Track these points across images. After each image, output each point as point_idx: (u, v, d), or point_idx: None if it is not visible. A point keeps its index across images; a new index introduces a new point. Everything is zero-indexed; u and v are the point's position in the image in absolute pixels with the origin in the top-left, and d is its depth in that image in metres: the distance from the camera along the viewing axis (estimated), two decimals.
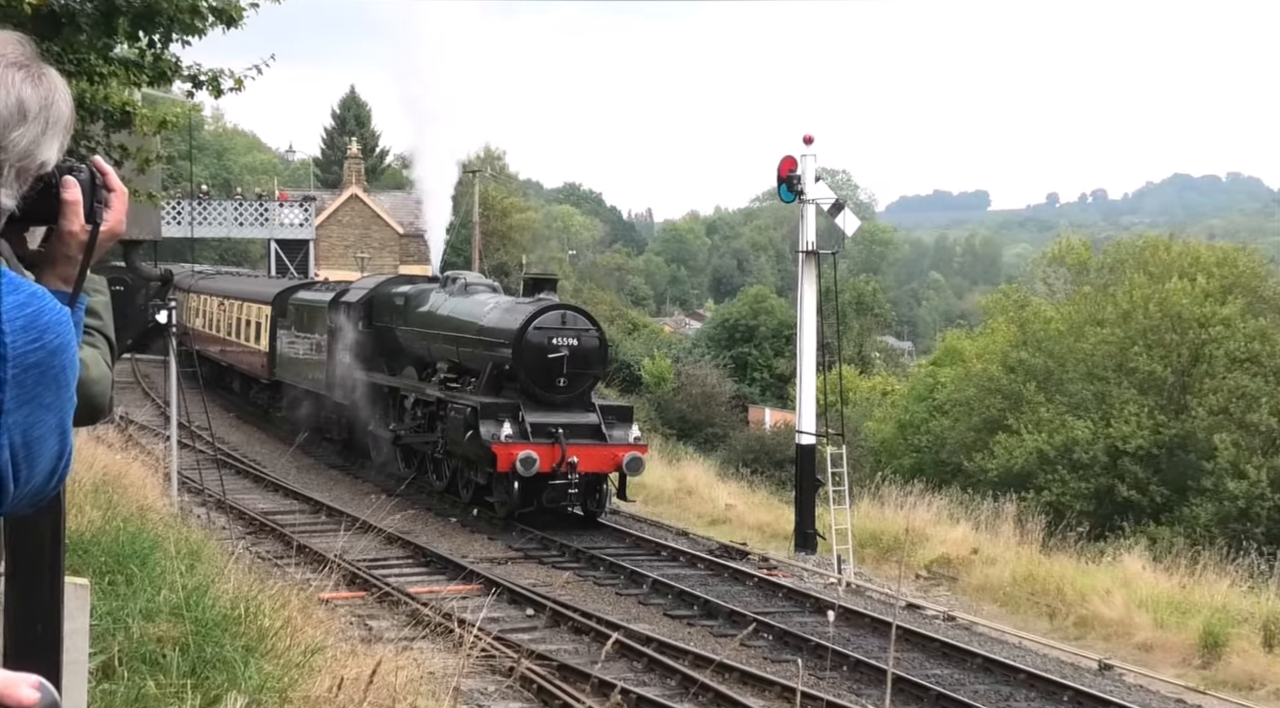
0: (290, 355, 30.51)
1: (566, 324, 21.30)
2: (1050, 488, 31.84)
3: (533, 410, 20.66)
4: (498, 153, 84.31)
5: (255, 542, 18.37)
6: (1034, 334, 37.50)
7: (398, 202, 59.54)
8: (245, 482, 24.72)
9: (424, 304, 24.61)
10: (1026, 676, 14.16)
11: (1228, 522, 28.97)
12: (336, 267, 52.61)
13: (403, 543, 18.83)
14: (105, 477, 13.85)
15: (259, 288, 37.50)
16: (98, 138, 10.95)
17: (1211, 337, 32.95)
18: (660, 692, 12.51)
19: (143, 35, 10.33)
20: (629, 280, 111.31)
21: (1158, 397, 33.32)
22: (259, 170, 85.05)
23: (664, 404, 49.75)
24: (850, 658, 14.07)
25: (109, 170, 2.21)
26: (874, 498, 24.78)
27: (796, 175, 21.88)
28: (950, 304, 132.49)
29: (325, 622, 9.68)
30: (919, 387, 45.07)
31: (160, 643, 6.88)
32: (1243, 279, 35.67)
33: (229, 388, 37.91)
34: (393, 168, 79.85)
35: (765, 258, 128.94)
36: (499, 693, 11.81)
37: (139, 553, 8.99)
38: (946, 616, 17.36)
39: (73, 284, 2.18)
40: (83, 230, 2.15)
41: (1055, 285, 44.05)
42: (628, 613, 16.08)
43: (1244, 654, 15.69)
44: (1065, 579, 18.78)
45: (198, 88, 11.25)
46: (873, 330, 68.47)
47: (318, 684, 6.95)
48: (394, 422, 24.43)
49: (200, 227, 52.68)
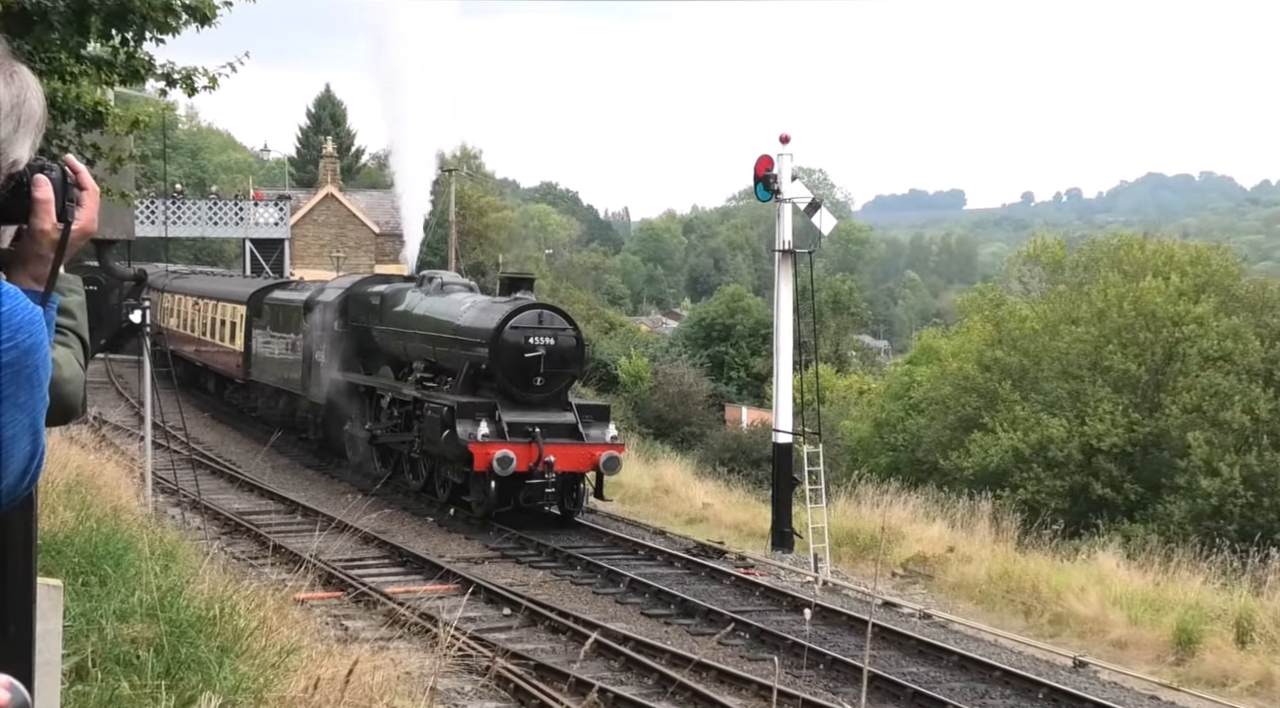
0: (265, 355, 30.41)
1: (543, 323, 21.28)
2: (1025, 486, 31.96)
3: (509, 410, 20.64)
4: (474, 152, 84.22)
5: (230, 542, 18.31)
6: (1009, 333, 37.65)
7: (373, 201, 59.36)
8: (220, 482, 24.61)
9: (400, 304, 24.55)
10: (1002, 673, 14.21)
11: (1201, 519, 29.15)
12: (312, 266, 52.46)
13: (379, 543, 18.78)
14: (79, 477, 13.77)
15: (234, 287, 37.36)
16: (70, 137, 10.89)
17: (1185, 335, 33.14)
18: (637, 691, 12.51)
19: (115, 33, 10.28)
20: (606, 280, 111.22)
21: (1132, 395, 33.50)
22: (234, 169, 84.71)
23: (641, 403, 49.76)
24: (827, 656, 14.10)
25: (81, 169, 2.20)
26: (850, 497, 24.84)
27: (773, 174, 21.91)
28: (926, 303, 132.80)
29: (301, 622, 9.65)
30: (895, 385, 45.18)
31: (134, 644, 6.85)
32: (1216, 278, 35.88)
33: (204, 388, 37.76)
34: (368, 167, 79.60)
35: (742, 257, 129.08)
36: (475, 693, 11.79)
37: (113, 554, 8.94)
38: (922, 614, 17.42)
39: (44, 283, 2.17)
40: (54, 229, 2.14)
41: (1030, 284, 44.26)
42: (605, 612, 16.08)
43: (1217, 651, 15.79)
44: (1040, 577, 18.86)
45: (171, 86, 11.21)
46: (849, 329, 68.60)
47: (293, 685, 6.93)
48: (370, 421, 24.37)
49: (174, 226, 52.42)
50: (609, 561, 18.69)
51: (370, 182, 71.31)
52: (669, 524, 23.24)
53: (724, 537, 21.96)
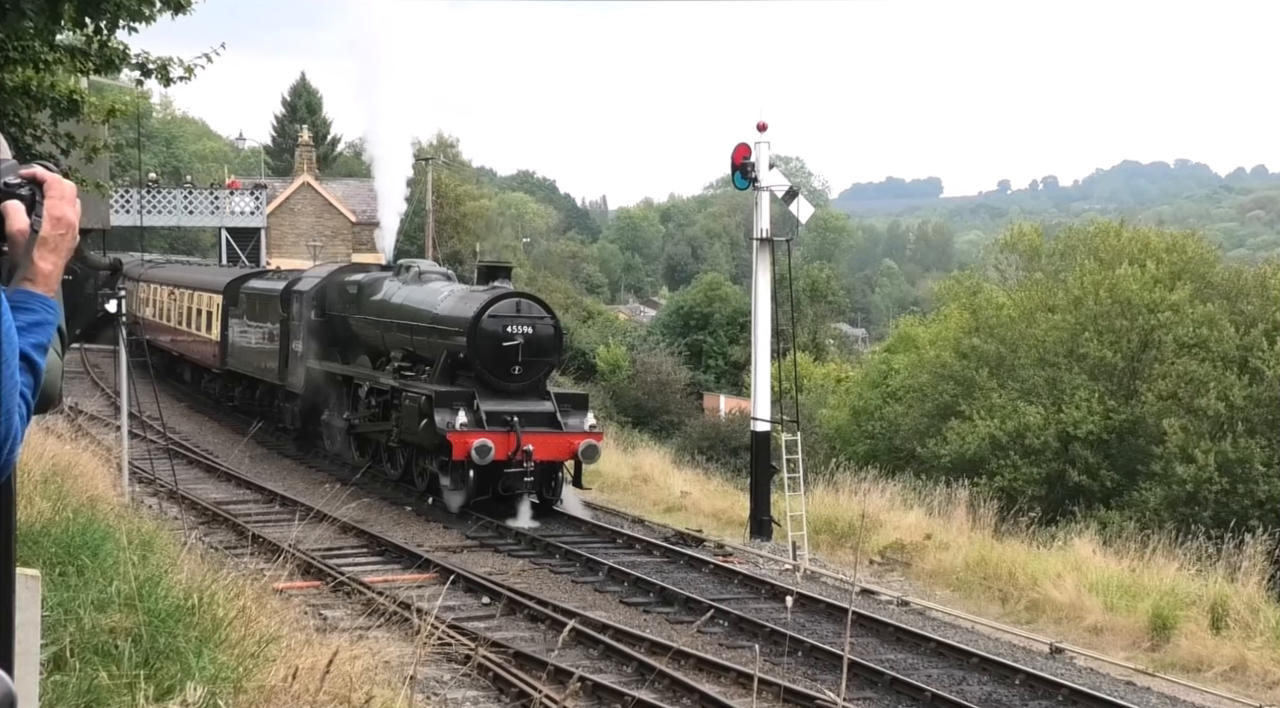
0: (242, 345, 30.30)
1: (521, 312, 21.26)
2: (1002, 473, 32.06)
3: (488, 399, 20.63)
4: (451, 140, 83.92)
5: (208, 532, 18.26)
6: (986, 321, 37.74)
7: (350, 189, 59.18)
8: (197, 472, 24.54)
9: (378, 293, 24.49)
10: (979, 659, 14.28)
11: (1176, 506, 29.29)
12: (289, 255, 52.29)
13: (358, 532, 18.77)
14: (55, 467, 13.70)
15: (210, 277, 37.21)
16: (44, 126, 10.82)
17: (1160, 322, 33.27)
18: (617, 679, 12.54)
19: (89, 22, 10.21)
20: (583, 268, 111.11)
21: (1108, 382, 33.62)
22: (209, 158, 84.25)
23: (619, 392, 49.76)
24: (806, 644, 14.15)
25: (45, 175, 2.30)
26: (828, 484, 24.90)
27: (750, 162, 21.92)
28: (903, 291, 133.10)
29: (280, 612, 9.63)
30: (873, 373, 45.24)
31: (112, 634, 6.83)
32: (1191, 265, 36.00)
33: (180, 378, 37.61)
34: (345, 156, 79.32)
35: (719, 245, 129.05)
36: (455, 682, 11.79)
37: (90, 544, 8.90)
38: (900, 601, 17.49)
39: (35, 282, 2.26)
40: (20, 233, 2.25)
41: (1007, 272, 44.31)
42: (584, 600, 16.10)
43: (1192, 637, 15.90)
44: (1017, 564, 18.94)
45: (146, 76, 11.14)
46: (827, 317, 68.71)
47: (273, 674, 6.92)
48: (348, 411, 24.32)
49: (150, 216, 52.19)
50: (588, 549, 18.70)
51: (347, 170, 71.09)
52: (647, 513, 23.27)
53: (702, 525, 22.00)
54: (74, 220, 2.30)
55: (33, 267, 2.26)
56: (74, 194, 2.32)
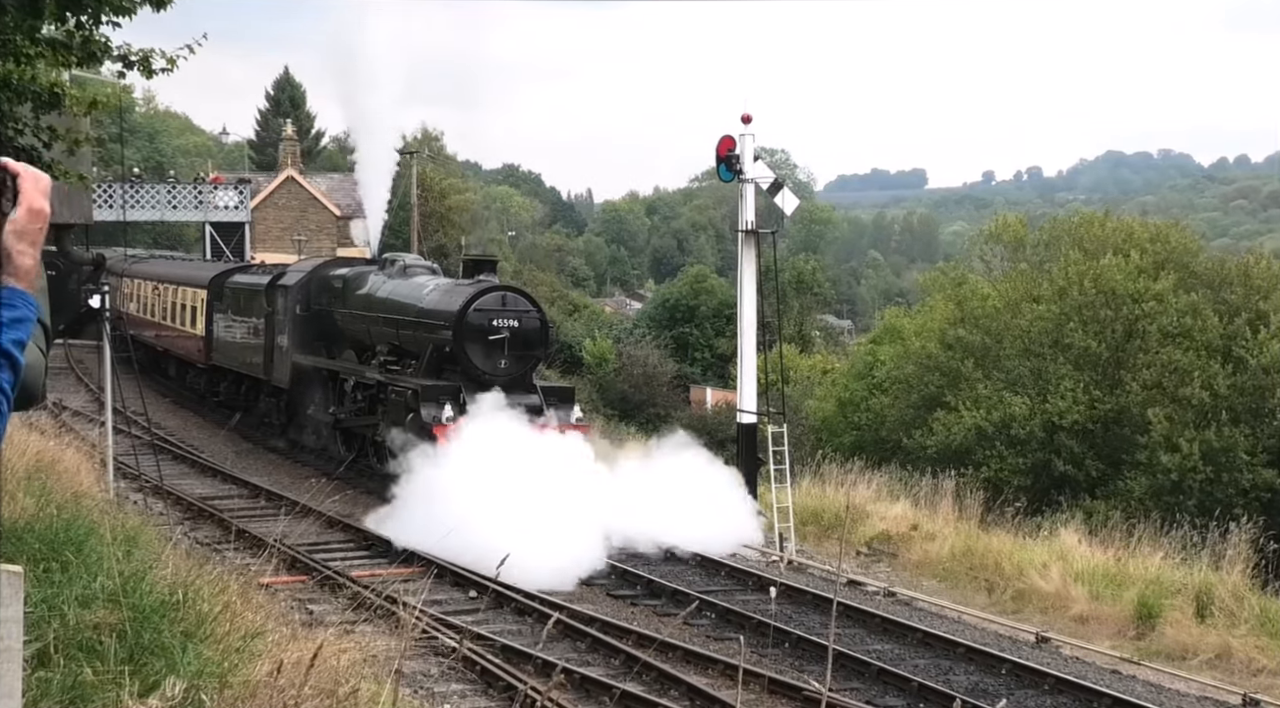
0: (227, 339, 30.22)
1: (507, 306, 21.22)
2: (988, 464, 32.13)
3: (474, 393, 20.59)
4: (435, 133, 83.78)
5: (194, 527, 18.23)
6: (971, 311, 37.80)
7: (334, 184, 59.01)
8: (182, 467, 24.48)
9: (363, 287, 24.43)
10: (965, 649, 14.33)
11: (1161, 495, 29.37)
12: (273, 250, 52.10)
13: (343, 527, 18.73)
14: (39, 463, 13.66)
15: (194, 271, 37.10)
16: (26, 119, 10.77)
17: (1145, 312, 33.35)
18: (603, 672, 12.54)
19: (70, 15, 10.16)
20: (569, 261, 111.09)
21: (1093, 372, 33.70)
22: (192, 153, 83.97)
23: (606, 385, 49.82)
24: (792, 635, 14.17)
25: (10, 163, 2.29)
26: (815, 476, 24.93)
27: (735, 155, 21.92)
28: (889, 282, 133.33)
29: (265, 607, 9.62)
30: (858, 365, 45.31)
31: (97, 630, 6.80)
32: (1175, 255, 36.08)
33: (165, 373, 37.51)
34: (329, 150, 79.11)
35: (705, 238, 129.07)
36: (442, 675, 11.80)
37: (74, 540, 8.87)
38: (887, 591, 17.53)
39: (17, 277, 2.26)
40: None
41: (992, 263, 44.36)
42: (570, 594, 16.10)
43: (1177, 625, 15.97)
44: (1003, 554, 19.00)
45: (129, 69, 11.09)
46: (813, 309, 68.81)
47: (258, 669, 6.90)
48: (334, 405, 24.26)
49: (133, 210, 51.99)
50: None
51: (331, 165, 70.91)
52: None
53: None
54: (48, 212, 2.30)
55: (12, 262, 2.25)
56: (49, 186, 2.31)
